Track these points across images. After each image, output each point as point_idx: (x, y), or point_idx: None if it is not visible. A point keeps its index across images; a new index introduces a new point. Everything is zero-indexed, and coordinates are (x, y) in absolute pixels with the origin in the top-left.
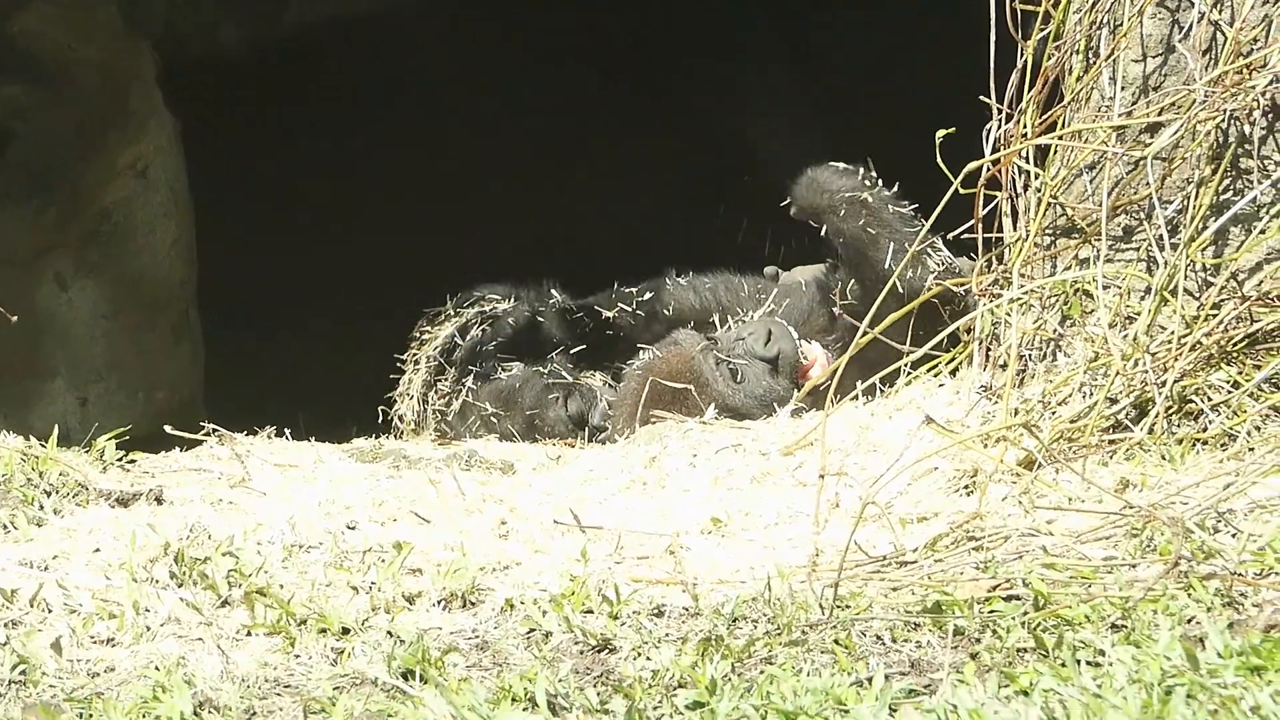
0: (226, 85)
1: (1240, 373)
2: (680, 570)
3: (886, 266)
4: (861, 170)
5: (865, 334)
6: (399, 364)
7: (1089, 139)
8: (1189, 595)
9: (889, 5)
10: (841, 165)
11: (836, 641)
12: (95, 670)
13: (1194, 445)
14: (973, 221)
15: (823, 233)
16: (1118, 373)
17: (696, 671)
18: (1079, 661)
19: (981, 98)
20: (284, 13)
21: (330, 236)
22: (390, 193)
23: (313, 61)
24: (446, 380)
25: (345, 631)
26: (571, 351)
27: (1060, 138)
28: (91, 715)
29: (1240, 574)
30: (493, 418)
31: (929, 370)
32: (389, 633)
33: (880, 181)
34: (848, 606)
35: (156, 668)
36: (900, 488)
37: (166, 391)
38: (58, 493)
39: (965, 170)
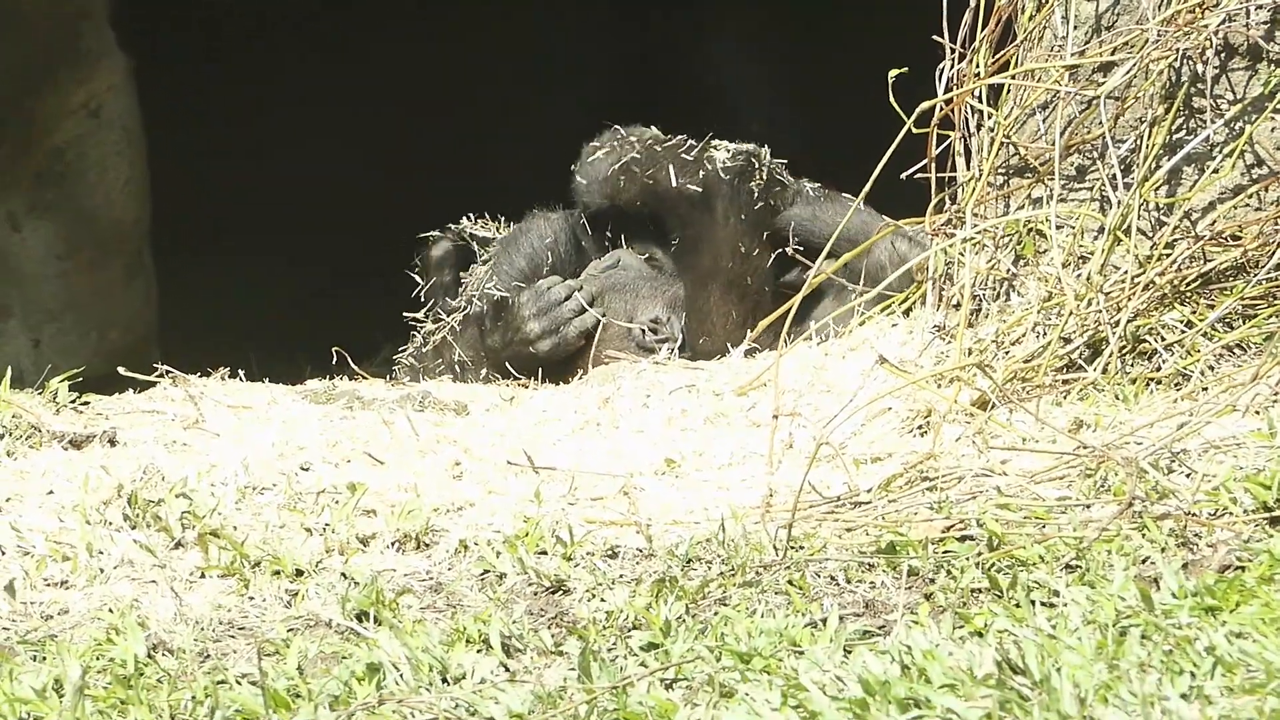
0: (178, 21)
1: (1194, 312)
2: (634, 511)
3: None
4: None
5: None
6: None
7: (1042, 78)
8: (1143, 536)
9: None
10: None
11: (791, 582)
12: (49, 613)
13: (1148, 385)
14: (926, 161)
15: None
16: (1071, 312)
17: (651, 613)
18: (1033, 602)
19: (935, 37)
20: None
21: (283, 172)
22: (343, 127)
23: None
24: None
25: (299, 573)
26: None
27: (1013, 77)
28: (45, 658)
29: (1194, 514)
30: (458, 365)
31: (882, 310)
32: (343, 574)
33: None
34: (802, 547)
35: (110, 610)
36: (854, 428)
37: (120, 332)
38: (10, 435)
39: (918, 110)
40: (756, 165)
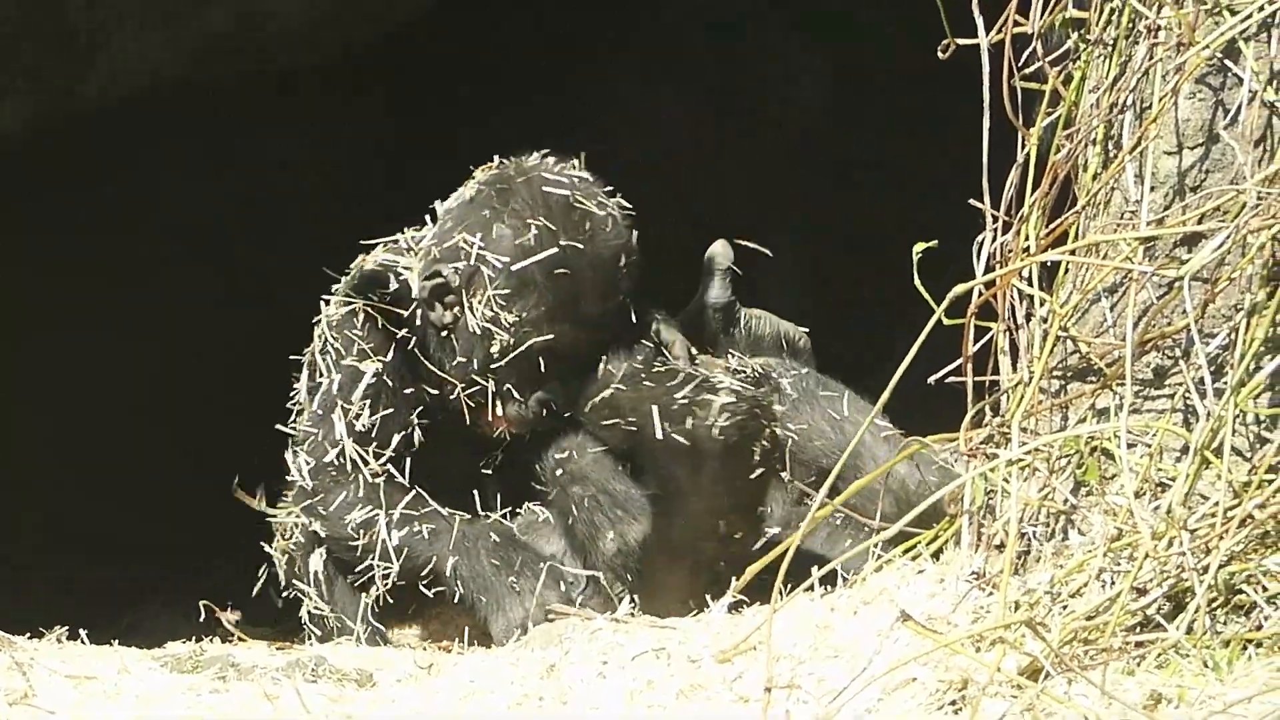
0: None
1: None
2: None
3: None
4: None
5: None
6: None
7: (1109, 254)
8: None
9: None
10: None
11: None
12: None
13: (1244, 648)
14: (960, 361)
15: None
16: (1147, 555)
17: None
18: None
19: (973, 202)
20: (80, 85)
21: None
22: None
23: (112, 144)
24: None
25: None
26: None
27: (1073, 253)
28: None
29: None
30: None
31: (905, 553)
32: None
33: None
34: None
35: None
36: (869, 704)
37: None
38: None
39: (951, 295)
40: (763, 418)
